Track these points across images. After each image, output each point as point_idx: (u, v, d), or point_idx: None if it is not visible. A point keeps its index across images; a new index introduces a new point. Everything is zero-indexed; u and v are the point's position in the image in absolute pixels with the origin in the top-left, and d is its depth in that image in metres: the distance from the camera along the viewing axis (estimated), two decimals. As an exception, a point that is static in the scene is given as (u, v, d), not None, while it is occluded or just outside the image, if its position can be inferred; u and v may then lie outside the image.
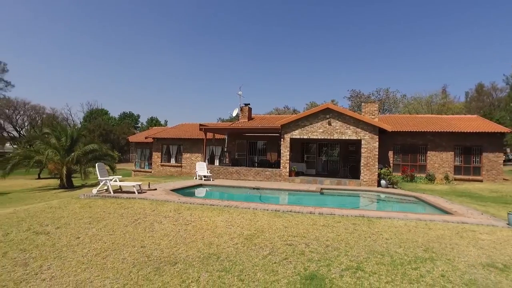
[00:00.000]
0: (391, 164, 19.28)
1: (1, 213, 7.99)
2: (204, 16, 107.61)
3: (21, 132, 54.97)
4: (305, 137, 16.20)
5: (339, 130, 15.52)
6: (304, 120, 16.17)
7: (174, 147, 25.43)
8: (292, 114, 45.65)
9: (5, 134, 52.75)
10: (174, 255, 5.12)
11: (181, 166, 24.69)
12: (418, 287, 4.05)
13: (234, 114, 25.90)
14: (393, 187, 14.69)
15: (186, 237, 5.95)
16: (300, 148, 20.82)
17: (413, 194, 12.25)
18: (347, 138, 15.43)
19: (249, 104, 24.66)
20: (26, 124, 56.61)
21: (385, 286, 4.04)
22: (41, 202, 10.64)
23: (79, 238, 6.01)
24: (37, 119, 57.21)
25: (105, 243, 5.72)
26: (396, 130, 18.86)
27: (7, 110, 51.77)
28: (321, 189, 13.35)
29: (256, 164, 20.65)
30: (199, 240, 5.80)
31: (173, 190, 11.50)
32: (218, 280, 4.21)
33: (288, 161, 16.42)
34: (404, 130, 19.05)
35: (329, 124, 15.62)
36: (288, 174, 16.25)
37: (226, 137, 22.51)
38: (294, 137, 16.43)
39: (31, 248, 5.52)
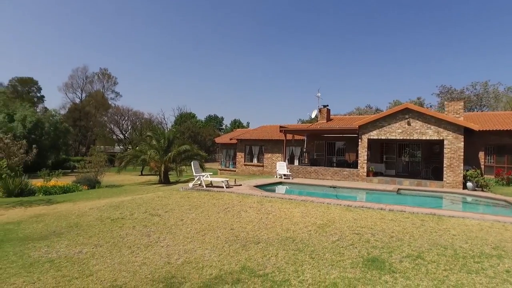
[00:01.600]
0: (483, 166, 17.87)
1: (125, 199, 10.22)
2: (283, 16, 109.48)
3: (126, 135, 63.50)
4: (383, 137, 16.18)
5: (419, 130, 15.16)
6: (382, 120, 16.16)
7: (256, 148, 27.13)
8: (374, 113, 44.19)
9: (114, 137, 61.66)
10: (257, 236, 6.24)
11: (262, 166, 26.26)
12: (476, 277, 4.41)
13: (313, 116, 26.56)
14: (482, 190, 13.84)
15: (267, 224, 7.05)
16: (380, 148, 20.58)
17: (504, 198, 11.51)
18: (427, 138, 14.99)
19: (327, 105, 25.10)
20: (129, 127, 65.23)
21: (442, 273, 4.50)
22: (149, 193, 12.89)
23: (182, 220, 7.57)
24: (137, 123, 65.39)
25: (203, 224, 7.13)
26: (488, 129, 17.44)
27: (116, 117, 60.39)
28: (399, 189, 13.34)
29: (334, 164, 21.04)
30: (278, 226, 6.85)
31: (256, 186, 12.82)
32: (293, 256, 5.16)
33: (366, 162, 16.57)
34: (498, 129, 17.49)
35: (408, 124, 15.36)
36: (365, 174, 16.41)
37: (305, 138, 23.33)
38: (371, 137, 16.51)
39: (150, 225, 7.22)
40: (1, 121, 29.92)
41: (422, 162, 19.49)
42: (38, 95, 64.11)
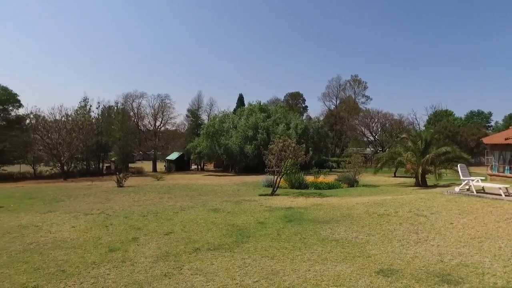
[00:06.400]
0: None
1: (386, 198, 10.88)
2: None
3: (375, 136, 64.62)
4: None
5: None
6: None
7: (547, 149, 21.05)
8: None
9: (365, 139, 64.36)
10: (557, 255, 5.18)
11: (557, 172, 20.09)
12: None
13: None
14: None
15: None
16: None
17: None
18: None
19: None
20: (379, 129, 65.93)
21: None
22: (408, 194, 12.93)
23: (452, 223, 7.29)
24: (387, 124, 64.94)
25: (478, 231, 6.62)
26: None
27: (366, 120, 62.92)
28: None
29: None
30: None
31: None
32: None
33: None
34: None
35: None
36: None
37: None
38: None
39: (416, 223, 7.45)
40: (282, 130, 38.06)
41: None
42: (303, 105, 76.84)
